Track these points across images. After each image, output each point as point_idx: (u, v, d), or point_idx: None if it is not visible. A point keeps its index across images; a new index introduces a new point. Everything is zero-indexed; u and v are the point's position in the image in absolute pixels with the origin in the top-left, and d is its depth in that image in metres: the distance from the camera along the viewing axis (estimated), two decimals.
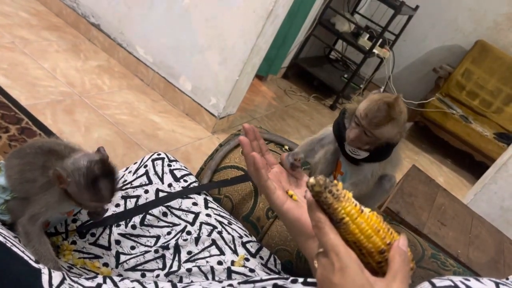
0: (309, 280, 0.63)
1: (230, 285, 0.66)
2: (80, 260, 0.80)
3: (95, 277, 0.67)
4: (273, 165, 0.77)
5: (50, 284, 0.59)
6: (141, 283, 0.66)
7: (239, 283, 0.65)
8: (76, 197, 0.71)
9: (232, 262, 0.78)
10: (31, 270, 0.60)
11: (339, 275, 0.50)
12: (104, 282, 0.65)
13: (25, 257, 0.61)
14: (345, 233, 0.53)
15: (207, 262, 0.78)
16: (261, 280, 0.65)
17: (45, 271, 0.61)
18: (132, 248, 0.84)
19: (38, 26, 2.57)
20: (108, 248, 0.83)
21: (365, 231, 0.53)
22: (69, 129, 1.89)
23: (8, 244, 0.61)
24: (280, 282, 0.64)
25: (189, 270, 0.77)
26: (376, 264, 0.54)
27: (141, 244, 0.84)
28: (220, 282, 0.67)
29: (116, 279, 0.67)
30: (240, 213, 0.96)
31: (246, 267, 0.78)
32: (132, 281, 0.66)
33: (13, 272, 0.59)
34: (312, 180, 0.52)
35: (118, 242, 0.84)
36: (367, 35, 3.72)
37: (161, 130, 2.24)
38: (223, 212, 0.91)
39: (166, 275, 0.77)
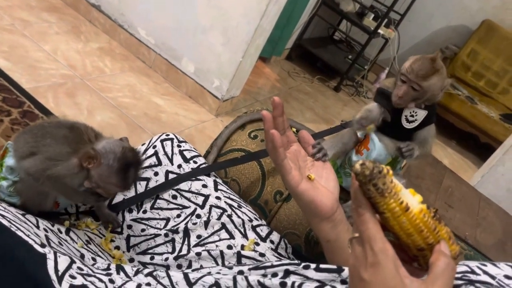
0: (321, 266, 0.61)
1: (241, 271, 0.64)
2: (95, 226, 0.81)
3: (108, 268, 0.66)
4: (292, 142, 0.74)
5: (56, 270, 0.58)
6: (155, 277, 0.64)
7: (249, 269, 0.64)
8: (100, 179, 0.72)
9: (242, 247, 0.77)
10: (36, 255, 0.58)
11: (370, 271, 0.46)
12: (118, 273, 0.64)
13: (30, 241, 0.59)
14: (385, 223, 0.50)
15: (216, 246, 0.77)
16: (272, 266, 0.63)
17: (50, 256, 0.59)
18: (142, 230, 0.83)
19: (37, 7, 2.52)
20: (120, 233, 0.82)
21: (406, 229, 0.49)
22: (71, 112, 1.87)
23: (13, 229, 0.59)
24: (291, 268, 0.62)
25: (198, 254, 0.76)
26: (412, 255, 0.52)
27: (151, 227, 0.83)
28: (230, 268, 0.66)
29: (130, 272, 0.65)
30: (247, 196, 0.95)
31: (256, 251, 0.76)
32: (146, 275, 0.65)
33: (17, 258, 0.57)
34: (357, 166, 0.47)
35: (129, 227, 0.83)
36: (372, 15, 3.65)
37: (164, 113, 2.22)
38: (233, 195, 0.90)
39: (175, 258, 0.77)
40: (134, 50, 2.57)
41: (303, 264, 0.63)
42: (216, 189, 0.87)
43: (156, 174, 0.88)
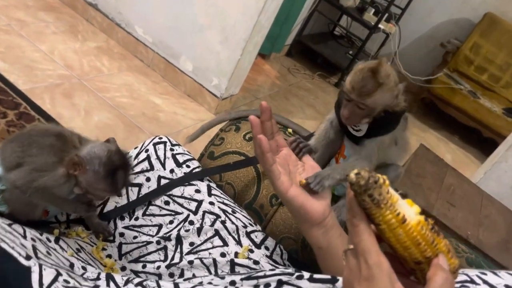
0: (315, 276, 0.59)
1: (233, 282, 0.62)
2: (86, 234, 0.79)
3: (98, 278, 0.64)
4: (282, 147, 0.72)
5: (41, 283, 0.56)
6: (144, 287, 0.62)
7: (241, 279, 0.62)
8: (89, 185, 0.70)
9: (236, 254, 0.75)
10: (20, 268, 0.57)
11: (364, 285, 0.45)
12: (108, 284, 0.63)
13: (15, 254, 0.58)
14: (381, 234, 0.48)
15: (209, 254, 0.75)
16: (265, 276, 0.61)
17: (35, 269, 0.57)
18: (134, 237, 0.81)
19: (34, 7, 2.50)
20: (112, 241, 0.80)
21: (403, 242, 0.47)
22: (68, 113, 1.85)
23: None
24: (284, 278, 0.60)
25: (190, 262, 0.73)
26: (409, 268, 0.49)
27: (143, 234, 0.81)
28: (223, 278, 0.64)
29: (120, 282, 0.64)
30: (242, 200, 0.93)
31: (250, 259, 0.74)
32: (136, 285, 0.63)
33: (0, 271, 0.56)
34: (352, 176, 0.46)
35: (122, 235, 0.81)
36: (373, 10, 3.61)
37: (162, 112, 2.20)
38: (227, 200, 0.88)
39: (167, 267, 0.75)
40: (131, 49, 2.55)
41: (296, 274, 0.61)
42: (209, 194, 0.85)
43: (148, 179, 0.86)
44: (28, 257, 0.59)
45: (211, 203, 0.83)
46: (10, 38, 2.14)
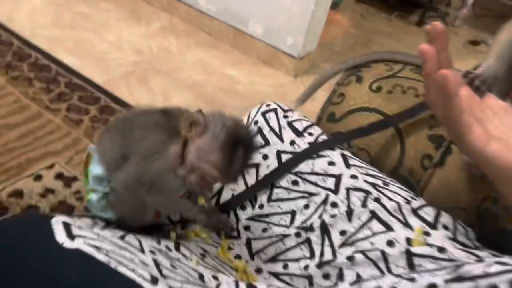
0: None
1: (433, 285, 0.43)
2: (207, 233, 0.65)
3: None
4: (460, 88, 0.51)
5: None
6: None
7: (446, 282, 0.43)
8: (199, 156, 0.55)
9: (409, 241, 0.55)
10: None
11: None
12: None
13: (138, 279, 0.44)
14: None
15: (372, 244, 0.56)
16: (486, 275, 0.41)
17: None
18: (264, 230, 0.65)
19: None
20: (238, 237, 0.65)
21: None
22: (147, 99, 1.77)
23: (113, 265, 0.44)
24: None
25: (350, 258, 0.55)
26: None
27: (274, 225, 0.65)
28: (412, 280, 0.45)
29: None
30: (382, 167, 0.73)
31: (430, 245, 0.54)
32: None
33: None
34: None
35: (247, 228, 0.65)
36: None
37: (239, 84, 2.05)
38: (372, 170, 0.68)
39: (318, 266, 0.57)
40: (196, 23, 2.41)
41: None
42: (347, 165, 0.66)
43: (265, 157, 0.69)
44: (154, 280, 0.45)
45: (354, 177, 0.64)
46: (77, 33, 2.09)
